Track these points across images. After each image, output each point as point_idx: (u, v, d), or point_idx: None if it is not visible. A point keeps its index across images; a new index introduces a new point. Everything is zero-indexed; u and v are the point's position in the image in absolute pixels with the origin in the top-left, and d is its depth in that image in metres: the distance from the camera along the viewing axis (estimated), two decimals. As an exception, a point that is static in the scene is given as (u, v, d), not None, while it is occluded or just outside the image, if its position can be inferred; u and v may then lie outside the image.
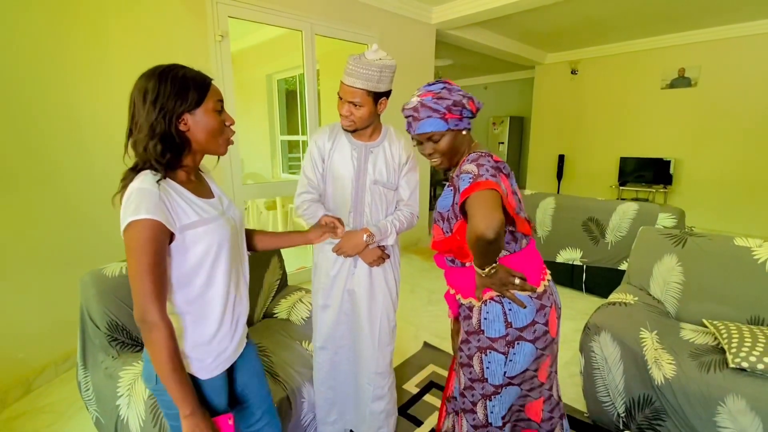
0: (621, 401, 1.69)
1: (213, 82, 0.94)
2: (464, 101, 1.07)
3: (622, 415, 1.70)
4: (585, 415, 1.87)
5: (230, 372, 1.07)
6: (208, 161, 1.03)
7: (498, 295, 1.05)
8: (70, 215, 2.24)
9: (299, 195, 1.47)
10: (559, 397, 1.22)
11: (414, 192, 1.50)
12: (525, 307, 1.03)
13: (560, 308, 1.15)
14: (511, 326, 1.04)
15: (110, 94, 2.28)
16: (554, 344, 1.11)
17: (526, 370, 1.07)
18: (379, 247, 1.45)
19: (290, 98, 5.32)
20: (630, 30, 5.12)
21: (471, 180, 0.95)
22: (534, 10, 3.94)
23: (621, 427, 1.72)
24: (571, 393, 2.02)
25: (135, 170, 0.87)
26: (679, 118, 5.44)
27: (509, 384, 1.07)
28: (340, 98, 1.34)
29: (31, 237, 2.11)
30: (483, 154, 1.02)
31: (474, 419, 1.11)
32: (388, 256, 1.49)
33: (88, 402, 1.61)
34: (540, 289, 1.07)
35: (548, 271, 1.15)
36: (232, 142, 0.99)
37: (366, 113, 1.33)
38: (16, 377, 2.06)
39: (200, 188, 0.98)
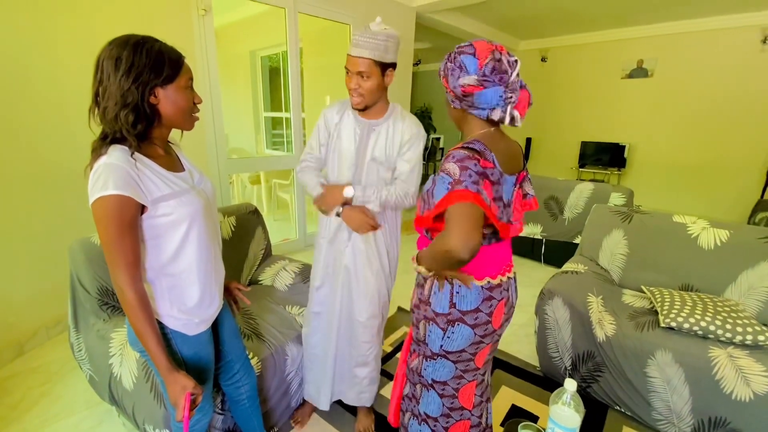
0: (568, 356, 1.82)
1: (187, 59, 0.91)
2: (447, 74, 1.03)
3: (569, 368, 1.82)
4: (537, 369, 2.00)
5: (215, 331, 1.09)
6: (176, 135, 1.00)
7: (449, 277, 0.99)
8: (53, 184, 2.14)
9: (301, 161, 1.46)
10: (489, 380, 1.19)
11: (412, 171, 1.36)
12: (470, 288, 0.98)
13: (513, 306, 1.10)
14: (455, 307, 1.00)
15: (92, 63, 2.15)
16: (495, 335, 1.06)
17: (463, 350, 1.03)
18: (370, 220, 1.34)
19: (274, 75, 5.12)
20: (596, 21, 5.14)
21: (449, 186, 0.85)
22: (509, -3, 3.90)
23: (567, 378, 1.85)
24: (526, 350, 2.14)
25: (105, 140, 0.83)
26: (635, 107, 5.57)
27: (445, 357, 1.05)
28: (348, 72, 1.24)
29: (16, 206, 2.01)
30: (470, 156, 0.89)
31: (416, 363, 1.13)
32: (379, 226, 1.38)
33: (81, 361, 1.60)
34: (495, 282, 1.01)
35: (512, 268, 1.09)
36: (197, 119, 0.97)
37: (374, 85, 1.24)
38: (8, 340, 2.01)
39: (170, 162, 0.95)
